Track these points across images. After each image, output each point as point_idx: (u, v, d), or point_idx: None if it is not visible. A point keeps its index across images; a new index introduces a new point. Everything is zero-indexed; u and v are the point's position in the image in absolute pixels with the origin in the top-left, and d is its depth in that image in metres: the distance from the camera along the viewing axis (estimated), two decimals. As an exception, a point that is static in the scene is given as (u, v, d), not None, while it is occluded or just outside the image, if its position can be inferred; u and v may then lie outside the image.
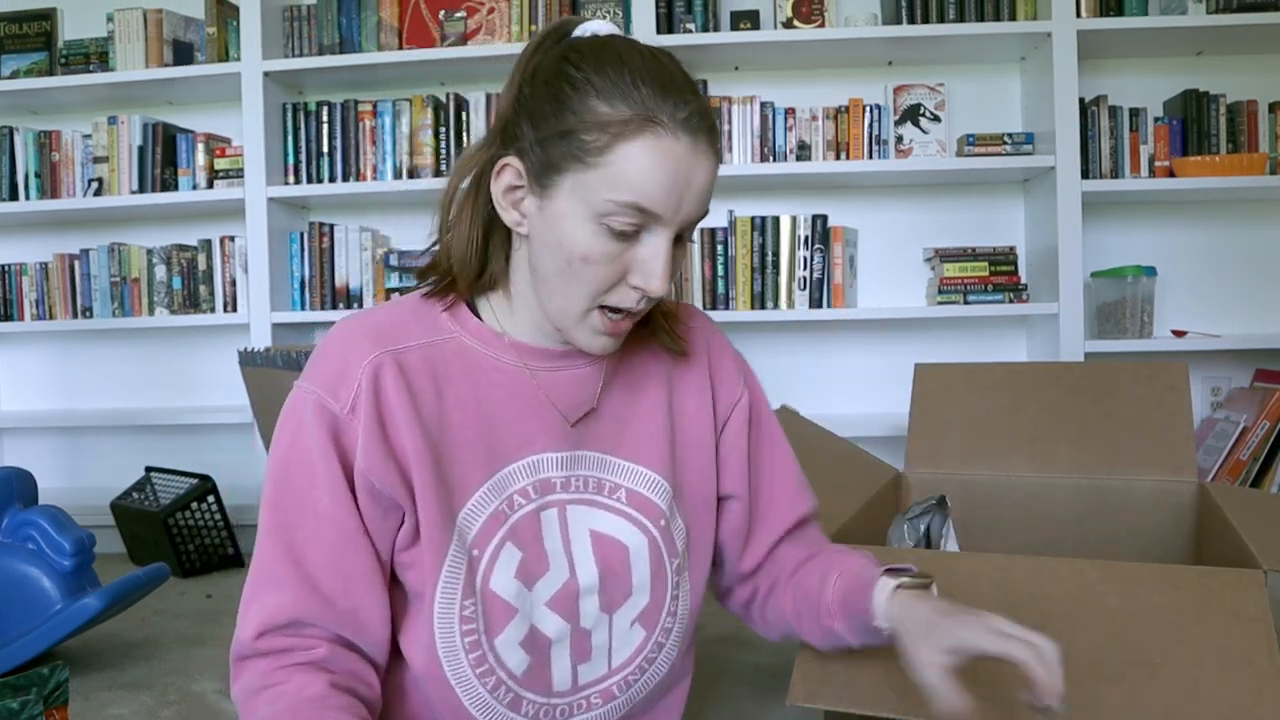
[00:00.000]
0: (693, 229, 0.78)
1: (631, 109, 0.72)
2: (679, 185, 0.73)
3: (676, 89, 0.74)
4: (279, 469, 0.79)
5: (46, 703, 0.94)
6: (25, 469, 1.78)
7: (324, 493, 0.77)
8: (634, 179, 0.72)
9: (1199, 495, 1.39)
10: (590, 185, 0.73)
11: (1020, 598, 0.96)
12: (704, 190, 0.76)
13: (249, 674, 0.77)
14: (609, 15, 2.49)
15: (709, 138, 0.75)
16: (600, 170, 0.72)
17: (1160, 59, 2.55)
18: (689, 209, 0.75)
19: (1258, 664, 0.84)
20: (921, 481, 1.54)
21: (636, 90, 0.72)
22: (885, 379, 2.62)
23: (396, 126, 2.59)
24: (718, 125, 0.78)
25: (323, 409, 0.77)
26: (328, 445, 0.77)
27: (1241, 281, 2.57)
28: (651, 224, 0.75)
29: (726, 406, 0.94)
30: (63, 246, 2.78)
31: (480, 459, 0.81)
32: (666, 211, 0.74)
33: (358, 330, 0.81)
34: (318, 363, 0.80)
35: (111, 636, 1.81)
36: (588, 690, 0.85)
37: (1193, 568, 0.94)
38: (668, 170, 0.72)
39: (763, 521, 0.96)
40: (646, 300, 0.78)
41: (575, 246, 0.74)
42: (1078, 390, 1.52)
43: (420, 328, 0.82)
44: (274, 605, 0.77)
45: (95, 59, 2.63)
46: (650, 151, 0.72)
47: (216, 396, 2.78)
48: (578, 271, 0.75)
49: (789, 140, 2.54)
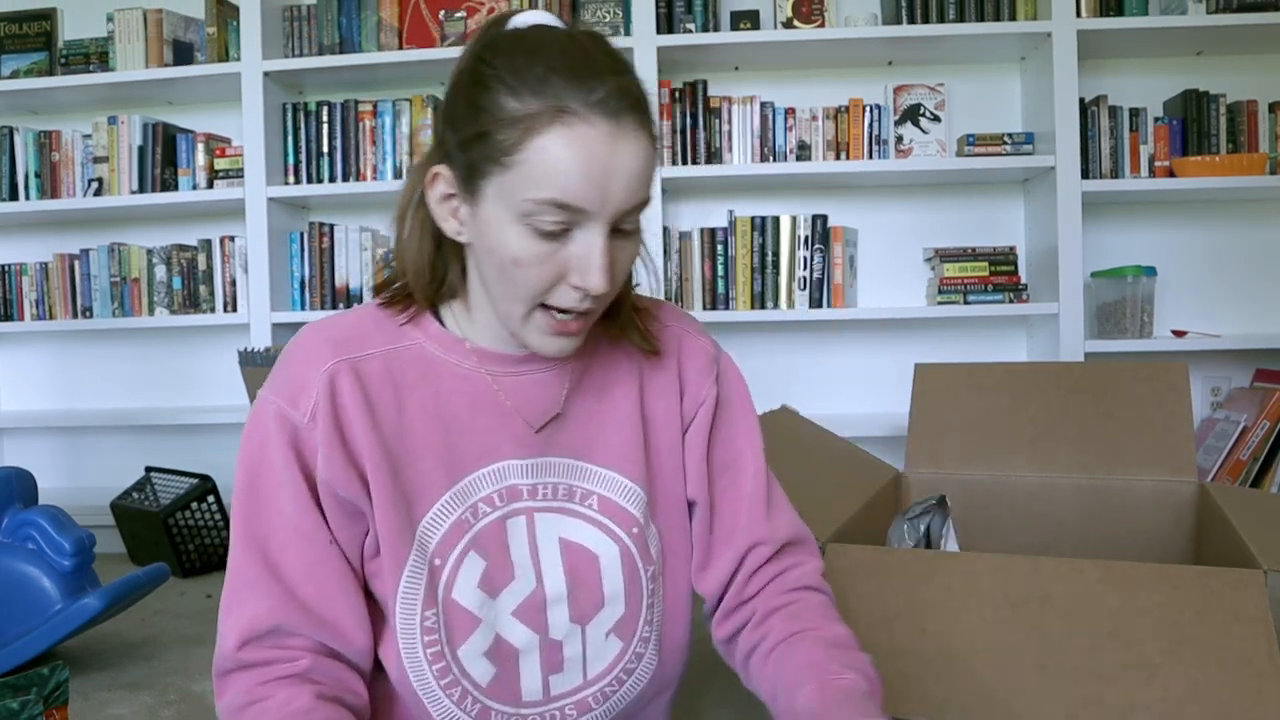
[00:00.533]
0: (632, 217, 0.73)
1: (541, 101, 0.68)
2: (601, 174, 0.68)
3: (591, 71, 0.68)
4: (246, 479, 0.78)
5: (46, 703, 0.94)
6: (25, 469, 1.78)
7: (289, 502, 0.77)
8: (550, 174, 0.68)
9: (1199, 495, 1.39)
10: (510, 187, 0.69)
11: (1020, 598, 0.96)
12: (634, 175, 0.70)
13: (233, 690, 0.77)
14: (609, 15, 2.49)
15: (635, 117, 0.70)
16: (517, 170, 0.69)
17: (1160, 59, 2.55)
18: (618, 198, 0.70)
19: (1258, 664, 0.84)
20: (921, 481, 1.54)
21: (546, 81, 0.68)
22: (885, 379, 2.62)
23: (396, 126, 2.59)
24: (647, 98, 0.72)
25: (284, 419, 0.77)
26: (289, 456, 0.76)
27: (1241, 281, 2.57)
28: (580, 220, 0.70)
29: (693, 406, 0.89)
30: (63, 246, 2.78)
31: (442, 467, 0.80)
32: (591, 204, 0.69)
33: (318, 338, 0.80)
34: (279, 372, 0.80)
35: (111, 636, 1.81)
36: (561, 701, 0.84)
37: (1193, 568, 0.94)
38: (584, 159, 0.67)
39: (723, 537, 0.89)
40: (591, 299, 0.74)
41: (506, 251, 0.71)
42: (1078, 390, 1.52)
43: (381, 335, 0.81)
44: (252, 613, 0.76)
45: (95, 59, 2.63)
46: (564, 143, 0.67)
47: (216, 396, 2.78)
48: (512, 276, 0.72)
49: (789, 140, 2.54)
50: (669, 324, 0.91)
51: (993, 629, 0.96)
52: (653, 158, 0.72)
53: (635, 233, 0.76)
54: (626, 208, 0.71)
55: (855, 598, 1.03)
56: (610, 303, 0.81)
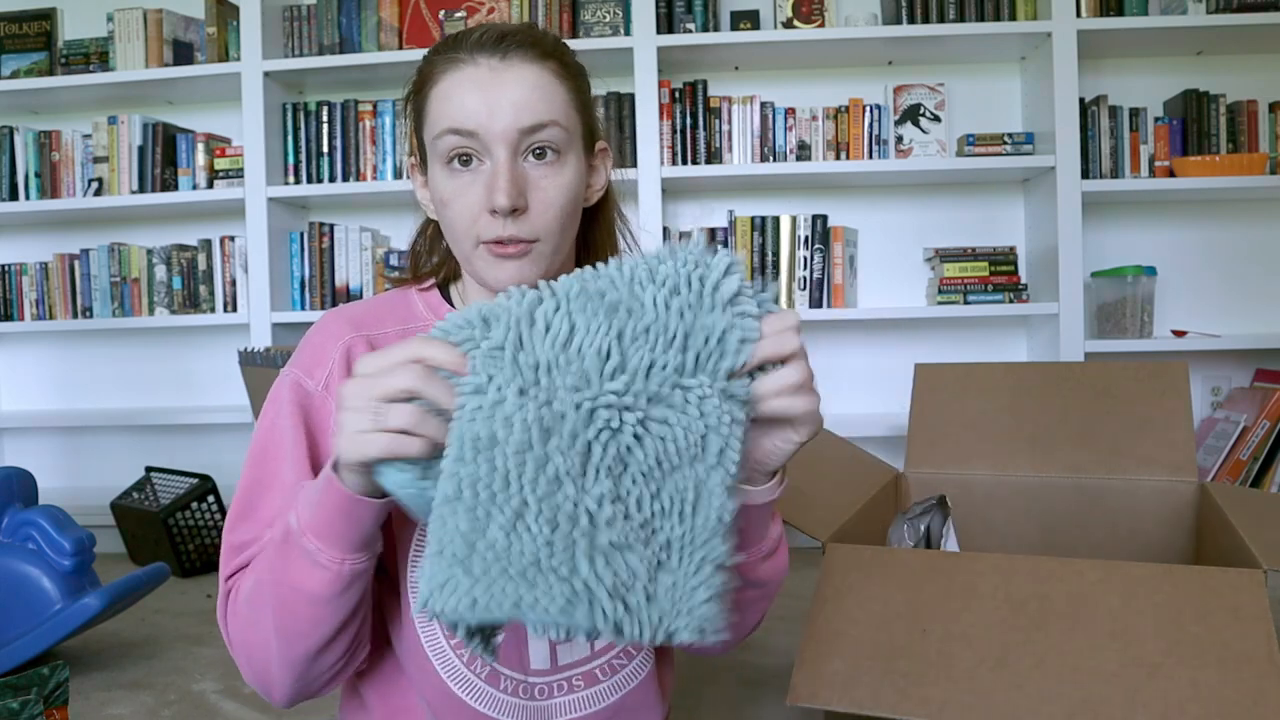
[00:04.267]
0: (537, 140, 0.77)
1: (438, 56, 0.79)
2: (486, 100, 0.75)
3: (485, 29, 0.79)
4: (257, 446, 0.82)
5: (46, 702, 0.94)
6: (25, 469, 1.78)
7: (289, 470, 0.79)
8: (445, 109, 0.77)
9: (1199, 495, 1.39)
10: (428, 137, 0.79)
11: (1020, 598, 0.96)
12: (520, 97, 0.76)
13: (227, 608, 0.78)
14: (609, 15, 2.49)
15: (523, 50, 0.77)
16: (429, 119, 0.79)
17: (1160, 59, 2.55)
18: (505, 117, 0.75)
19: (1258, 664, 0.84)
20: (921, 481, 1.54)
21: (446, 44, 0.79)
22: (885, 379, 2.62)
23: (396, 126, 2.59)
24: (546, 39, 0.80)
25: (298, 387, 0.81)
26: (298, 422, 0.80)
27: (1241, 281, 2.57)
28: (480, 146, 0.76)
29: None
30: (63, 246, 2.78)
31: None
32: (480, 125, 0.75)
33: (338, 318, 0.85)
34: (300, 349, 0.85)
35: (111, 636, 1.81)
36: (569, 672, 0.85)
37: (1193, 568, 0.94)
38: (469, 89, 0.76)
39: None
40: (514, 224, 0.77)
41: (438, 195, 0.80)
42: (1078, 390, 1.52)
43: (395, 315, 0.86)
44: (245, 555, 0.79)
45: (95, 59, 2.63)
46: (454, 82, 0.77)
47: (216, 396, 2.79)
48: (448, 218, 0.79)
49: (789, 140, 2.54)
50: None
51: (993, 629, 0.96)
52: (552, 84, 0.78)
53: (554, 163, 0.78)
54: (520, 126, 0.76)
55: (855, 598, 1.03)
56: (567, 249, 0.83)
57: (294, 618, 0.71)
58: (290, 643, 0.72)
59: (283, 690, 0.76)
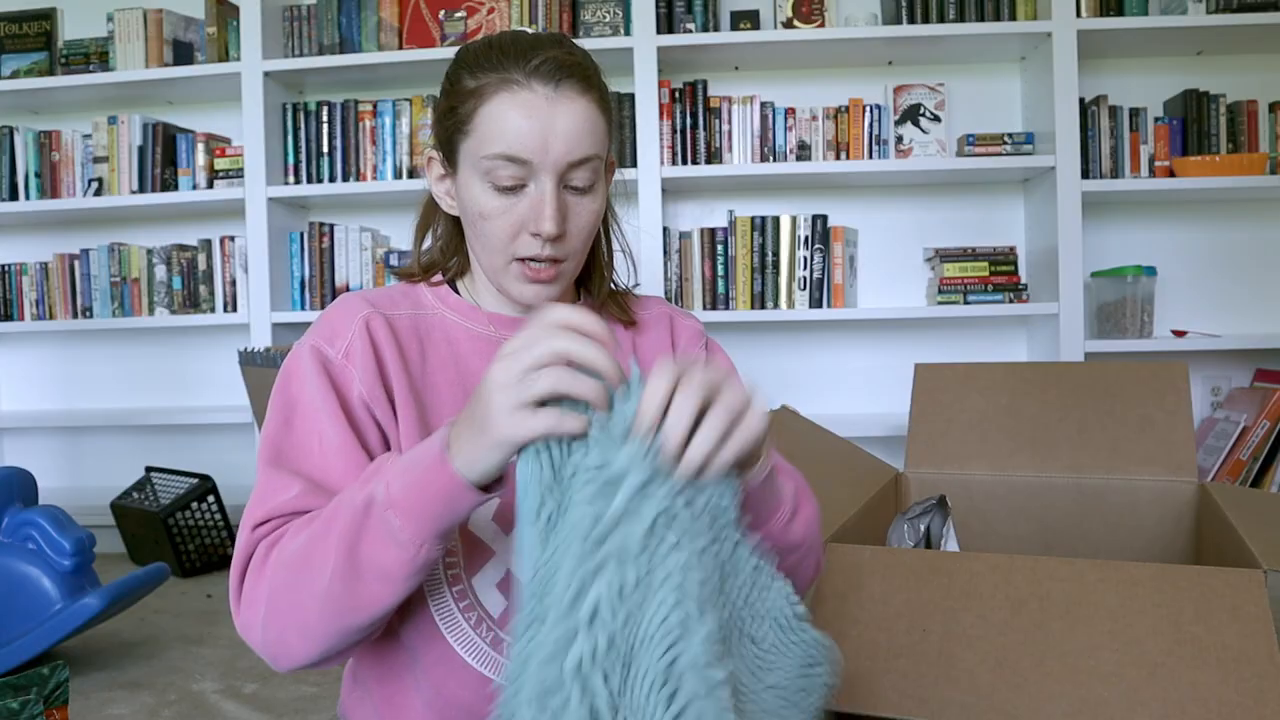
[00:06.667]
0: (581, 174, 0.81)
1: (490, 74, 0.80)
2: (540, 129, 0.78)
3: (534, 46, 0.80)
4: (281, 416, 0.80)
5: (46, 702, 0.94)
6: (25, 469, 1.78)
7: (328, 425, 0.79)
8: (499, 132, 0.79)
9: (1199, 495, 1.39)
10: (472, 150, 0.81)
11: (1020, 598, 0.96)
12: (572, 130, 0.79)
13: (251, 560, 0.75)
14: (609, 15, 2.49)
15: (574, 83, 0.80)
16: (476, 134, 0.81)
17: (1160, 59, 2.55)
18: (558, 149, 0.79)
19: (1258, 664, 0.84)
20: (921, 481, 1.54)
21: (495, 57, 0.80)
22: (885, 379, 2.62)
23: (396, 126, 2.59)
24: (590, 68, 0.83)
25: (318, 353, 0.82)
26: (325, 383, 0.80)
27: (1241, 281, 2.57)
28: (529, 173, 0.80)
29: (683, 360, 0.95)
30: (63, 246, 2.78)
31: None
32: (534, 155, 0.79)
33: (354, 296, 0.87)
34: (318, 324, 0.85)
35: (111, 636, 1.81)
36: None
37: (1193, 568, 0.94)
38: (524, 117, 0.78)
39: None
40: (552, 247, 0.81)
41: (475, 207, 0.82)
42: (1078, 390, 1.52)
43: (408, 303, 0.89)
44: (280, 501, 0.76)
45: (95, 59, 2.63)
46: (508, 105, 0.79)
47: (216, 396, 2.78)
48: (482, 230, 0.82)
49: (789, 140, 2.54)
50: (656, 307, 0.99)
51: (993, 629, 0.96)
52: (596, 118, 0.82)
53: (590, 192, 0.83)
54: (570, 160, 0.80)
55: (855, 598, 1.03)
56: (582, 270, 0.90)
57: (353, 592, 0.69)
58: (340, 614, 0.70)
59: (300, 656, 0.73)
